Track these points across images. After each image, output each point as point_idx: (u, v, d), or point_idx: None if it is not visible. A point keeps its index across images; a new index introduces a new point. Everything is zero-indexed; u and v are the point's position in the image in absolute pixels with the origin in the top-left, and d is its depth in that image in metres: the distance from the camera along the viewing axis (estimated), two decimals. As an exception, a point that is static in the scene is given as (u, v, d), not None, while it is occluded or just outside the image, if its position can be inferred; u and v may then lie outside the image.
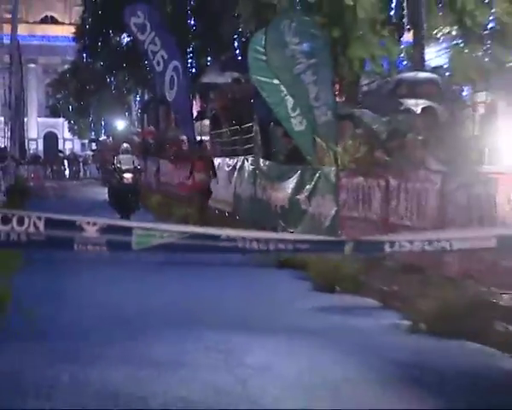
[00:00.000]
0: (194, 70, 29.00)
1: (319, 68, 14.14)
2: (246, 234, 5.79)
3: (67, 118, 68.90)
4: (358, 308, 9.43)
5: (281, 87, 14.79)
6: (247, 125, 20.26)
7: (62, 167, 61.08)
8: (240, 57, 25.14)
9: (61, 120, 74.12)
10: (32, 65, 79.56)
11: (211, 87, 28.96)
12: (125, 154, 21.25)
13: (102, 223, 5.14)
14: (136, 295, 10.16)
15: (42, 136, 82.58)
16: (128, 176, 20.89)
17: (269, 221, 15.49)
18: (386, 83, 17.28)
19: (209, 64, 28.46)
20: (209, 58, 28.64)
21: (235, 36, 23.56)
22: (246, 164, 18.87)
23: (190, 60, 28.70)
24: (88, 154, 65.42)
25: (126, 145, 22.10)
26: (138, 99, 47.19)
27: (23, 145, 40.27)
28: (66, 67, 65.45)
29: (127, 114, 50.92)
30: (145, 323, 8.38)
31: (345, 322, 8.62)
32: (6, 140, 35.07)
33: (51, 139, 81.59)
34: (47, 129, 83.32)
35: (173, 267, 12.22)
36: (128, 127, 48.16)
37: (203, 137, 24.98)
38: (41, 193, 33.11)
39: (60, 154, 66.98)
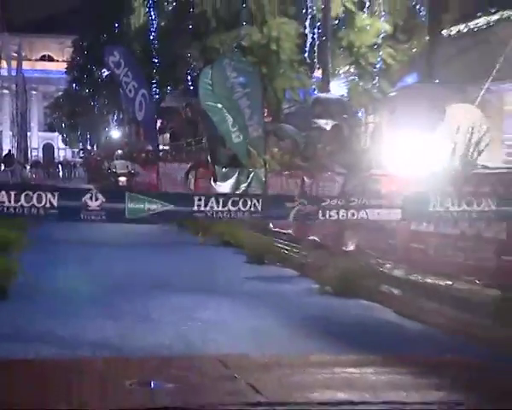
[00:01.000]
0: (157, 96, 28.75)
1: (252, 96, 14.21)
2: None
3: (61, 132, 69.05)
4: (281, 277, 9.41)
5: (223, 110, 14.81)
6: (198, 138, 20.18)
7: (57, 170, 61.39)
8: (192, 87, 24.97)
9: (56, 134, 74.20)
10: (34, 92, 77.99)
11: (170, 110, 28.80)
12: (119, 160, 20.27)
13: (102, 198, 5.15)
14: (117, 266, 9.91)
15: (41, 146, 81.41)
16: (123, 179, 19.86)
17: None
18: (302, 107, 17.37)
19: (169, 92, 28.27)
20: (169, 87, 28.45)
21: (188, 71, 23.53)
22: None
23: (155, 89, 28.47)
24: (77, 160, 65.07)
25: (120, 152, 21.14)
26: (115, 119, 46.66)
27: (27, 153, 39.49)
28: (59, 94, 65.19)
29: (107, 130, 50.30)
30: (124, 286, 8.17)
31: (270, 286, 8.59)
32: (13, 149, 34.63)
33: (48, 149, 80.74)
34: (45, 141, 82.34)
35: (139, 247, 12.17)
36: (108, 140, 47.65)
37: (164, 147, 24.79)
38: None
39: (55, 160, 66.63)
